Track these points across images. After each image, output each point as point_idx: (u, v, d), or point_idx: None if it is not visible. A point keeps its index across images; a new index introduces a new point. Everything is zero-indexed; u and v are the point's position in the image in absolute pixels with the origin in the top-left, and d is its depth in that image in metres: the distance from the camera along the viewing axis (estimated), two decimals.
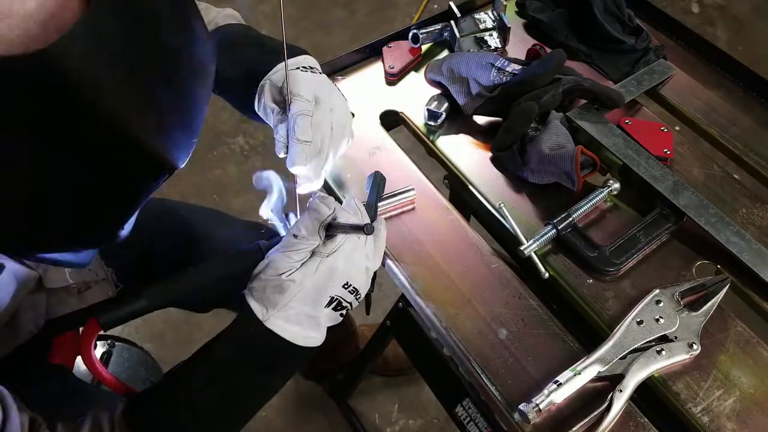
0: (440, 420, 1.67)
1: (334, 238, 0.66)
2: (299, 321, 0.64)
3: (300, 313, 0.64)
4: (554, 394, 0.67)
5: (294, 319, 0.63)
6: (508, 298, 0.78)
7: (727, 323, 0.76)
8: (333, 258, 0.65)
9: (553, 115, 0.90)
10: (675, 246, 0.83)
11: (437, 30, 1.05)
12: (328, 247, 0.66)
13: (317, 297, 0.64)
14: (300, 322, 0.64)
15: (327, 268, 0.65)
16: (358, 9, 2.68)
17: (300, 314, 0.64)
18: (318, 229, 0.66)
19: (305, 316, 0.64)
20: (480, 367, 0.72)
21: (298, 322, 0.64)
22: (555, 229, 0.81)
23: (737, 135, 0.96)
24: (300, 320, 0.64)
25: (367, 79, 1.03)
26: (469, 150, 0.94)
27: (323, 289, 0.65)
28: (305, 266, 0.65)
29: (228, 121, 2.28)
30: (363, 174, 0.86)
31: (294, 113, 0.72)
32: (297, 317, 0.64)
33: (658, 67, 1.01)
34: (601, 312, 0.77)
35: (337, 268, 0.65)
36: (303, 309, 0.64)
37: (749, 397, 0.70)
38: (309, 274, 0.64)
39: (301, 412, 1.70)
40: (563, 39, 1.06)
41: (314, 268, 0.65)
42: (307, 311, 0.64)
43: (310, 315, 0.64)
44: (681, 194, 0.83)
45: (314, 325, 0.65)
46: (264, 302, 0.63)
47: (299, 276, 0.64)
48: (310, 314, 0.64)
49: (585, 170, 0.84)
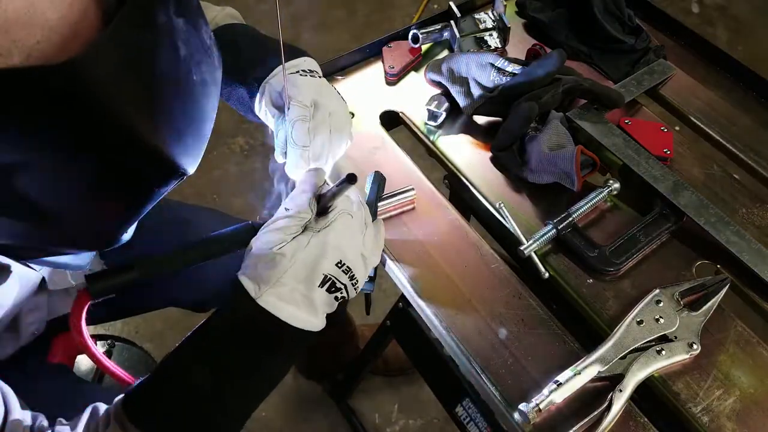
0: (440, 420, 1.67)
1: (326, 216, 0.66)
2: (293, 300, 0.63)
3: (294, 291, 0.62)
4: (554, 394, 0.67)
5: (288, 297, 0.62)
6: (508, 298, 0.78)
7: (727, 323, 0.76)
8: (324, 233, 0.65)
9: (553, 115, 0.90)
10: (675, 246, 0.83)
11: (437, 30, 1.05)
12: (320, 223, 0.65)
13: (310, 274, 0.63)
14: (294, 301, 0.63)
15: (319, 242, 0.64)
16: (358, 9, 2.68)
17: (294, 292, 0.62)
18: (309, 202, 0.66)
19: (300, 295, 0.63)
20: (480, 367, 0.72)
21: (292, 301, 0.63)
22: (555, 229, 0.81)
23: (737, 135, 0.96)
24: (294, 299, 0.63)
25: (367, 79, 1.03)
26: (469, 150, 0.94)
27: (316, 266, 0.63)
28: (296, 240, 0.64)
29: (228, 121, 2.28)
30: (363, 174, 0.86)
31: (292, 119, 0.72)
32: (291, 295, 0.62)
33: (658, 67, 1.01)
34: (601, 312, 0.77)
35: (329, 242, 0.64)
36: (297, 287, 0.63)
37: (749, 397, 0.70)
38: (300, 248, 0.63)
39: (301, 412, 1.70)
40: (563, 39, 1.06)
41: (306, 242, 0.64)
42: (301, 290, 0.63)
43: (304, 294, 0.63)
44: (681, 194, 0.83)
45: (309, 306, 0.64)
46: (256, 280, 0.62)
47: (290, 249, 0.63)
48: (303, 293, 0.63)
49: (585, 170, 0.84)
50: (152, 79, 0.46)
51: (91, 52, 0.40)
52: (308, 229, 0.65)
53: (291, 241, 0.64)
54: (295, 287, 0.63)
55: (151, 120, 0.46)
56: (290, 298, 0.63)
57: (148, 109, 0.46)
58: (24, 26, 0.39)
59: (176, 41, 0.47)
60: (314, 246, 0.64)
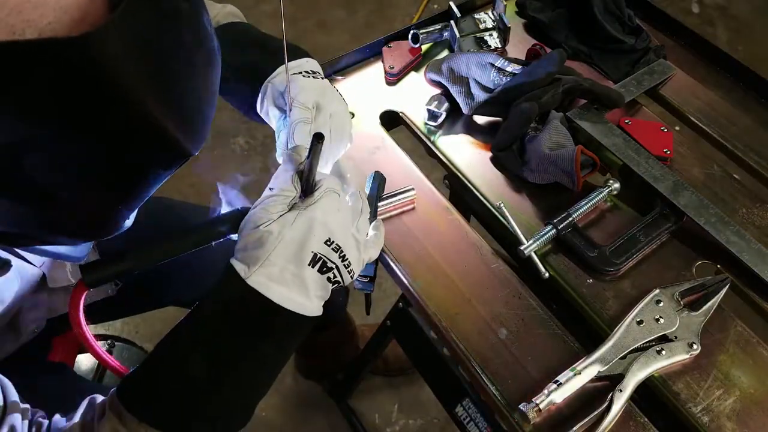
0: (440, 420, 1.67)
1: (312, 195, 0.66)
2: (284, 280, 0.62)
3: (284, 270, 0.62)
4: (554, 394, 0.67)
5: (278, 277, 0.62)
6: (508, 298, 0.78)
7: (727, 323, 0.76)
8: (311, 209, 0.64)
9: (553, 115, 0.90)
10: (675, 246, 0.83)
11: (437, 30, 1.05)
12: (306, 201, 0.65)
13: (299, 252, 0.63)
14: (285, 282, 0.62)
15: (306, 219, 0.64)
16: (358, 9, 2.68)
17: (284, 271, 0.62)
18: (292, 179, 0.66)
19: (290, 275, 0.62)
20: (480, 367, 0.72)
21: (282, 281, 0.62)
22: (555, 229, 0.81)
23: (737, 135, 0.96)
24: (284, 279, 0.62)
25: (367, 79, 1.03)
26: (469, 150, 0.94)
27: (304, 243, 0.63)
28: (283, 218, 0.64)
29: (228, 121, 2.28)
30: (363, 174, 0.86)
31: (294, 121, 0.72)
32: (281, 275, 0.62)
33: (658, 67, 1.01)
34: (601, 312, 0.77)
35: (316, 218, 0.64)
36: (286, 266, 0.62)
37: (749, 397, 0.70)
38: (287, 225, 0.63)
39: (301, 412, 1.70)
40: (563, 39, 1.06)
41: (292, 218, 0.64)
42: (291, 269, 0.62)
43: (294, 273, 0.62)
44: (681, 194, 0.83)
45: (300, 286, 0.63)
46: (246, 260, 0.62)
47: (277, 227, 0.63)
48: (294, 272, 0.62)
49: (585, 170, 0.84)
50: (160, 58, 0.47)
51: (103, 30, 0.41)
52: (294, 207, 0.65)
53: (277, 219, 0.63)
54: (285, 266, 0.62)
55: (160, 98, 0.47)
56: (280, 278, 0.62)
57: (157, 86, 0.47)
58: (36, 6, 0.40)
59: (181, 24, 0.48)
60: (301, 223, 0.63)
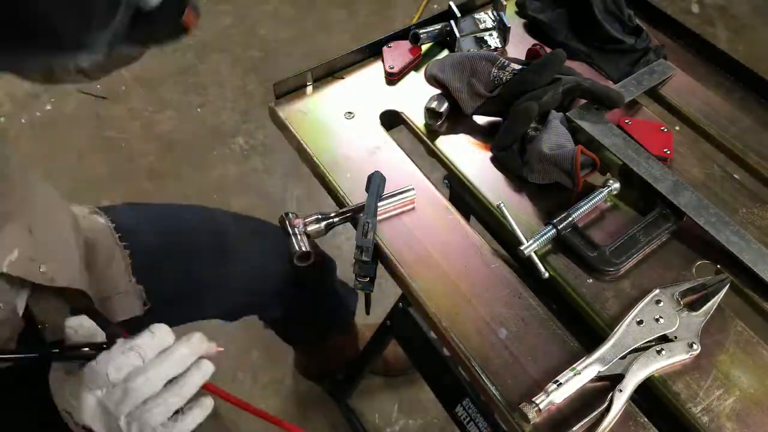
0: (440, 420, 1.67)
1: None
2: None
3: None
4: (554, 394, 0.67)
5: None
6: (508, 298, 0.78)
7: (727, 323, 0.76)
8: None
9: (553, 115, 0.90)
10: (675, 246, 0.83)
11: (437, 30, 1.05)
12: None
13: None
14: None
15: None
16: (358, 9, 2.68)
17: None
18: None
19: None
20: (480, 367, 0.72)
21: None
22: (555, 229, 0.81)
23: (737, 135, 0.96)
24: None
25: (367, 79, 1.03)
26: (469, 150, 0.94)
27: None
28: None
29: (228, 121, 2.28)
30: (363, 174, 0.86)
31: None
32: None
33: (658, 67, 1.01)
34: (601, 312, 0.77)
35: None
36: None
37: (749, 397, 0.70)
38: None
39: (301, 412, 1.70)
40: (563, 39, 1.06)
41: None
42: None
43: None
44: (681, 194, 0.83)
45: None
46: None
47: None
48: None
49: (585, 170, 0.84)
50: None
51: None
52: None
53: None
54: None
55: None
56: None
57: None
58: None
59: None
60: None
